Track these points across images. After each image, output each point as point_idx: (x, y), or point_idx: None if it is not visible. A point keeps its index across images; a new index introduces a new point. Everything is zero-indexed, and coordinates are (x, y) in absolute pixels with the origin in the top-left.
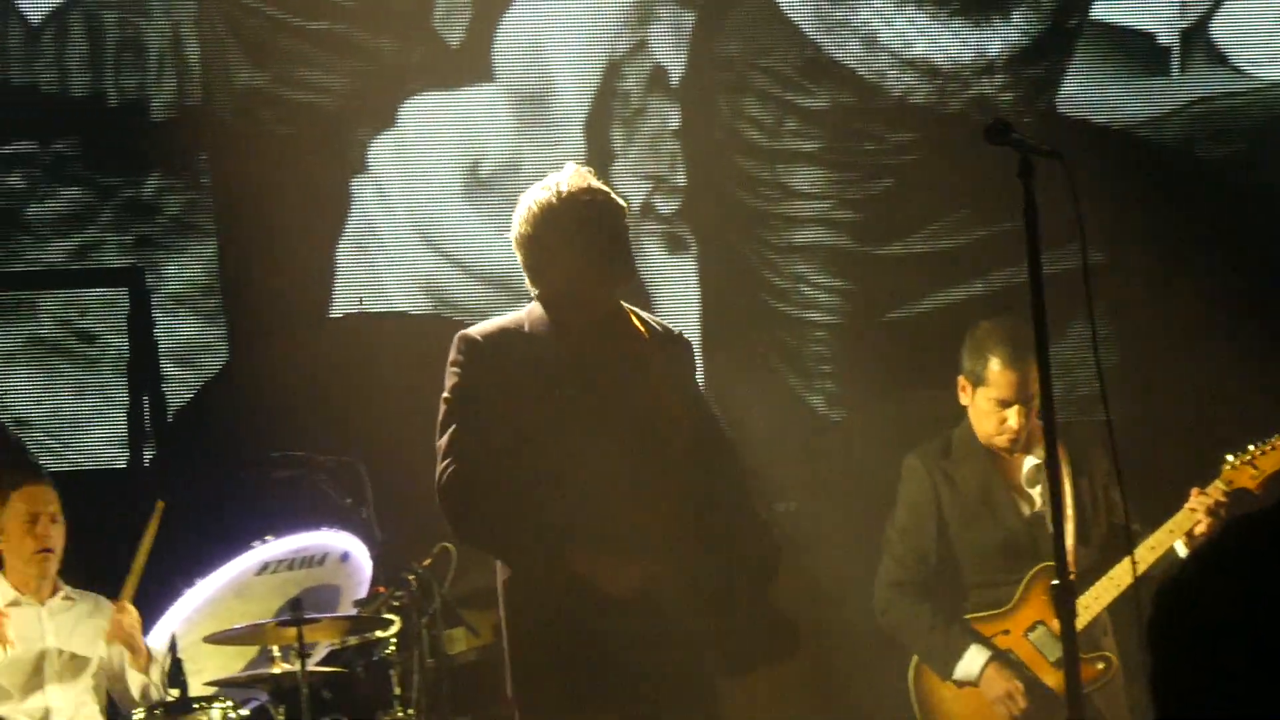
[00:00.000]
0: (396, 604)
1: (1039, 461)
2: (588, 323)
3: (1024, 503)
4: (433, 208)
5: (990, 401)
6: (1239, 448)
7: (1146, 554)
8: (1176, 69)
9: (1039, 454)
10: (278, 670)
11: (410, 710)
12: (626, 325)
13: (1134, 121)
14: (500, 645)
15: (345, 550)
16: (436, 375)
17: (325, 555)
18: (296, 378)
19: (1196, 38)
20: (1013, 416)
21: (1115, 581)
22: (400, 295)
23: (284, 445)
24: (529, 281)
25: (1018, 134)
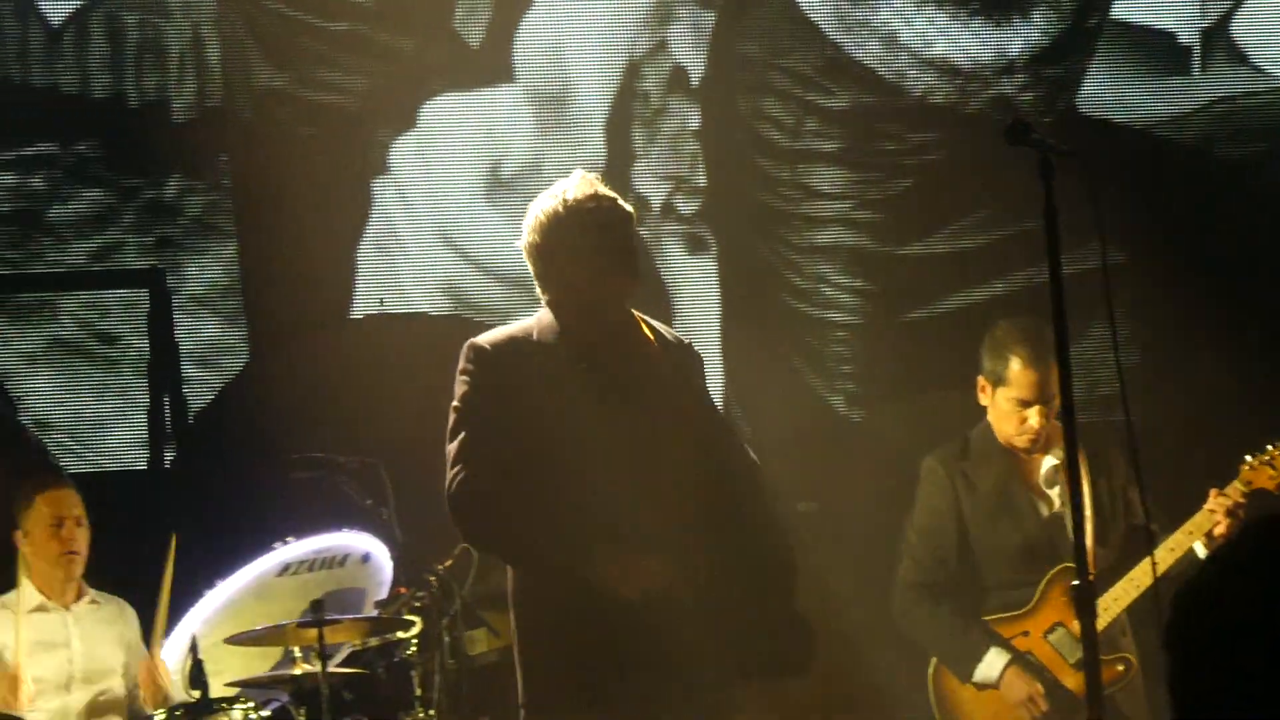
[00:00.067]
0: (417, 605)
1: (1058, 462)
2: (597, 330)
3: (1043, 504)
4: (453, 208)
5: (1010, 402)
6: (1258, 448)
7: (1165, 555)
8: (1197, 68)
9: (1058, 454)
10: (298, 671)
11: (431, 711)
12: (636, 333)
13: (1154, 121)
14: None
15: (366, 551)
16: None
17: (346, 556)
18: (317, 378)
19: (1217, 37)
20: (1033, 417)
21: (1135, 583)
22: (420, 296)
23: (304, 446)
24: (539, 289)
25: (1037, 134)
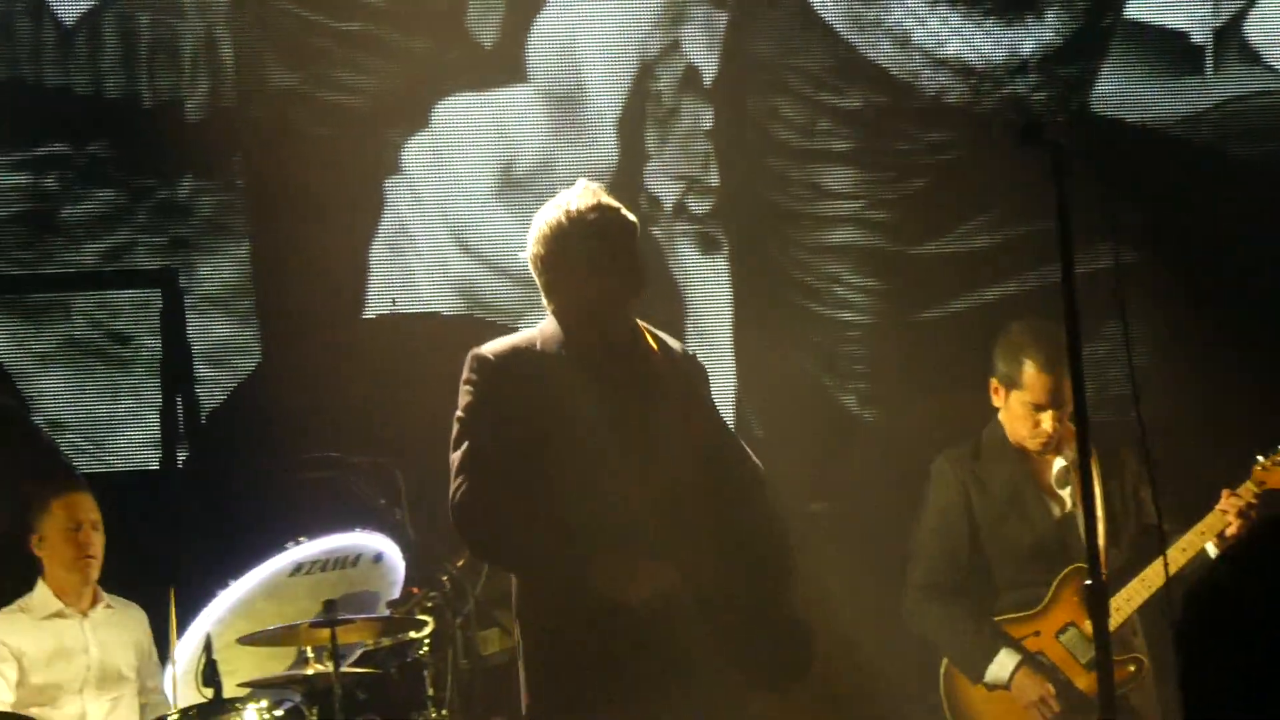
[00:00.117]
0: (430, 605)
1: (1069, 462)
2: (600, 339)
3: (1054, 504)
4: (466, 208)
5: (1024, 406)
6: (1270, 448)
7: (1178, 555)
8: (1210, 68)
9: (1069, 454)
10: (311, 671)
11: (444, 711)
12: (640, 343)
13: (1167, 121)
14: None
15: (379, 551)
16: None
17: (358, 556)
18: (329, 379)
19: (1230, 37)
20: (1046, 421)
21: (1146, 583)
22: (433, 296)
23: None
24: (545, 299)
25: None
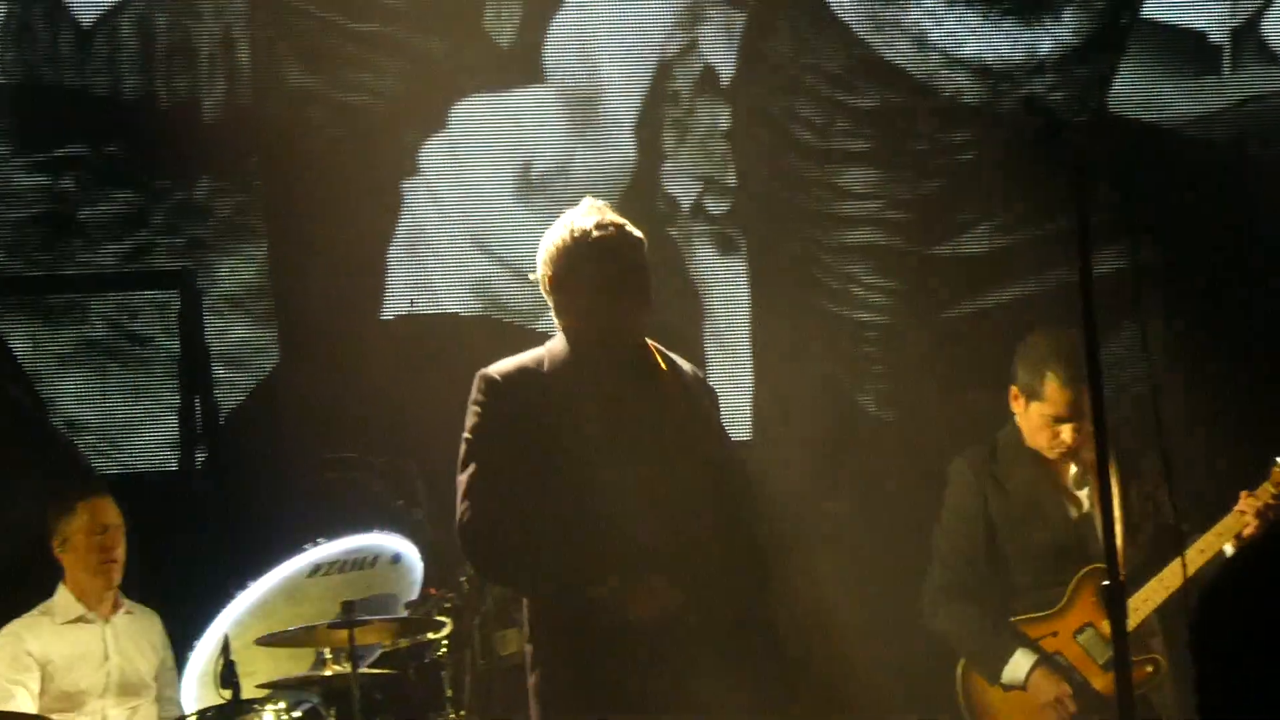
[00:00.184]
0: (448, 605)
1: (1087, 464)
2: (608, 358)
3: (1072, 505)
4: (484, 209)
5: (1044, 417)
6: None
7: (1196, 556)
8: (1227, 68)
9: (1087, 456)
10: (329, 672)
11: (462, 712)
12: (648, 361)
13: (1185, 120)
14: None
15: (397, 552)
16: None
17: (376, 557)
18: (347, 380)
19: (1247, 36)
20: (1066, 432)
21: (1164, 583)
22: (451, 297)
23: (335, 447)
24: (554, 317)
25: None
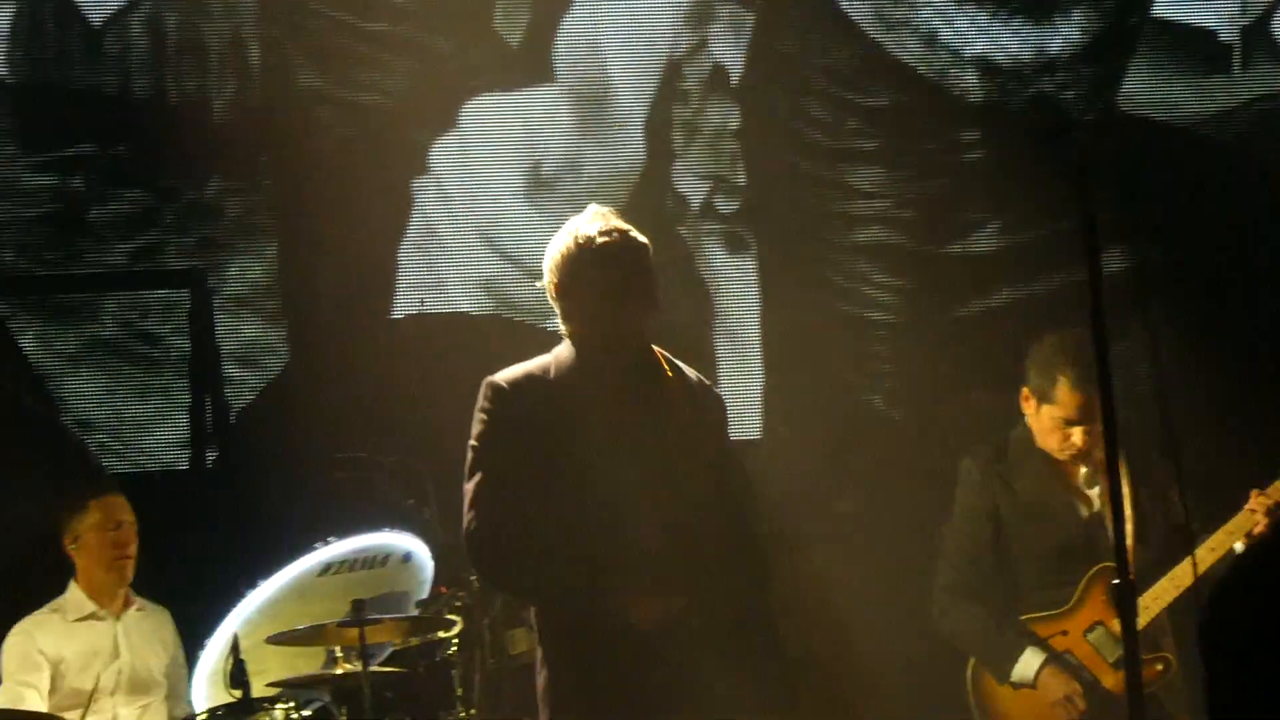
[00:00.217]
0: (458, 604)
1: (1097, 463)
2: (613, 364)
3: (1082, 505)
4: (494, 208)
5: (1055, 420)
6: None
7: (1206, 555)
8: (1237, 67)
9: (1098, 455)
10: (340, 671)
11: (472, 710)
12: (654, 368)
13: (1195, 119)
14: None
15: (407, 551)
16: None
17: (387, 556)
18: (358, 379)
19: (1258, 35)
20: (1077, 435)
21: (1175, 582)
22: (461, 296)
23: (346, 446)
24: (561, 324)
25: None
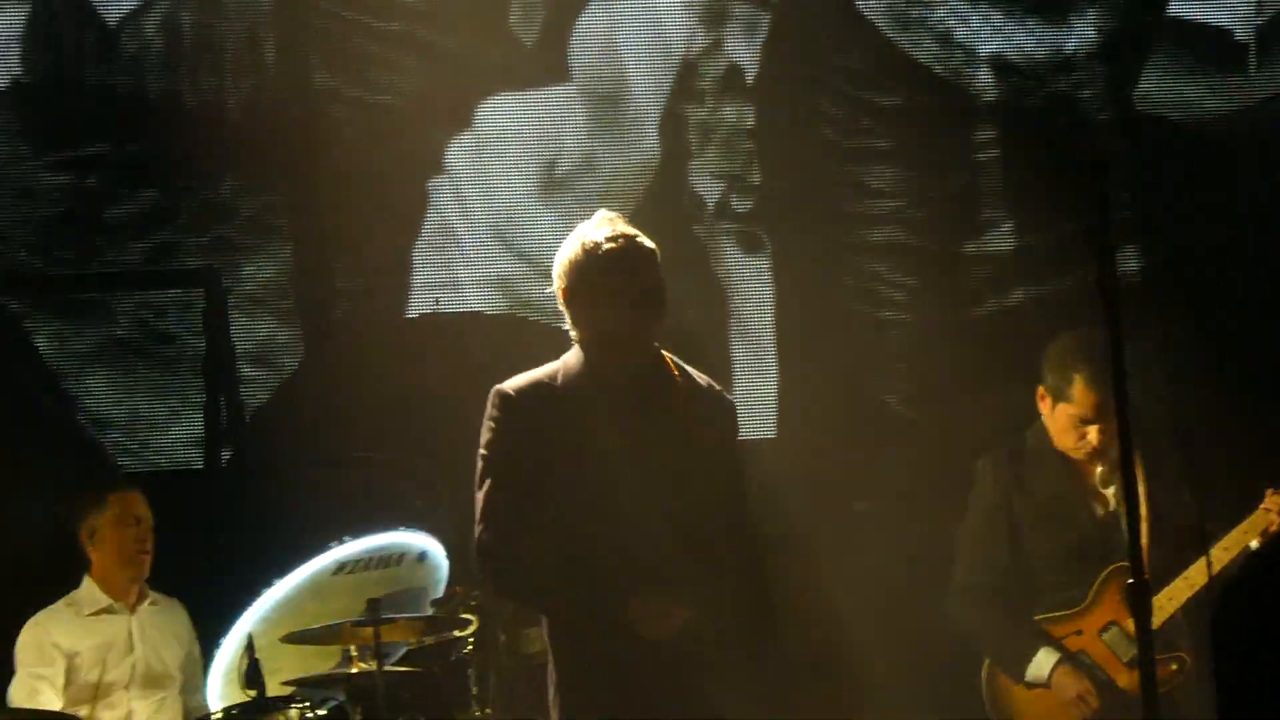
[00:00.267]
0: (474, 603)
1: (1112, 462)
2: (623, 370)
3: (1098, 504)
4: (509, 208)
5: (1071, 419)
6: None
7: (1221, 554)
8: (1253, 65)
9: (1113, 454)
10: (355, 670)
11: (487, 710)
12: (663, 375)
13: (1210, 118)
14: None
15: (423, 549)
16: (512, 373)
17: (402, 555)
18: (372, 378)
19: (1273, 34)
20: (1093, 434)
21: (1190, 581)
22: (476, 295)
23: (360, 445)
24: (570, 331)
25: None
